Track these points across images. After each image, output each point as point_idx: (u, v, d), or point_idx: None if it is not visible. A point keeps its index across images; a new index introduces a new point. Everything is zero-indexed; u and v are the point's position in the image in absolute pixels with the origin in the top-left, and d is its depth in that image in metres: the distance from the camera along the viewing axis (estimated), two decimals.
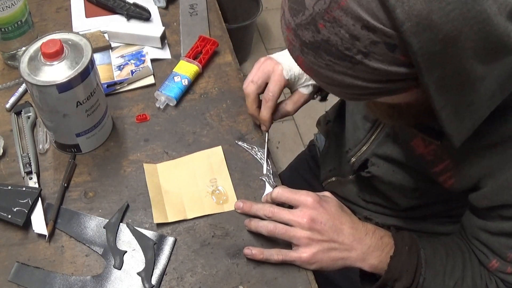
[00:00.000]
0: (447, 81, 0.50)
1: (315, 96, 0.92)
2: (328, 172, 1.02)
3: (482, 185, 0.68)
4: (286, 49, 0.87)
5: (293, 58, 0.56)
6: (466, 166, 0.69)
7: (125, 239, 0.80)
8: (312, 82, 0.87)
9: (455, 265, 0.75)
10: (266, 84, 0.86)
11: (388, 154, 0.82)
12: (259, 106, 0.87)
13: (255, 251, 0.76)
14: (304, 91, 0.87)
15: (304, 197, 0.75)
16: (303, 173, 1.13)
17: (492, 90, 0.55)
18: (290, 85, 0.87)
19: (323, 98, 0.95)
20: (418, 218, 0.91)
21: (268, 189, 0.86)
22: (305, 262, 0.74)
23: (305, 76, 0.86)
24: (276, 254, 0.76)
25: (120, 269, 0.76)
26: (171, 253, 0.79)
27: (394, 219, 0.93)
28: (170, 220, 0.81)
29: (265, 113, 0.86)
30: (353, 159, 0.90)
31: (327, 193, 0.80)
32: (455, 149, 0.60)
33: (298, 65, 0.56)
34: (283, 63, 0.85)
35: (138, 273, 0.76)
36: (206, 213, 0.83)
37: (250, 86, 0.86)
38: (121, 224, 0.81)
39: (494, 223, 0.70)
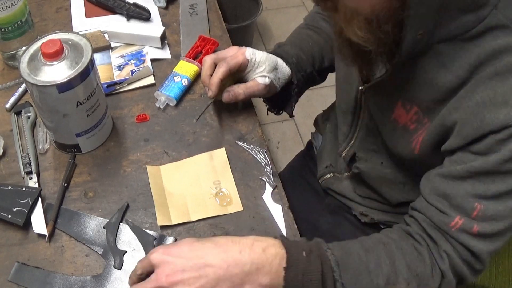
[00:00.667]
0: None
1: (268, 110, 0.97)
2: (325, 168, 1.02)
3: (452, 126, 0.64)
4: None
5: None
6: (437, 113, 0.67)
7: (125, 239, 0.80)
8: (271, 74, 0.88)
9: (379, 260, 0.66)
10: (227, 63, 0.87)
11: (372, 144, 0.82)
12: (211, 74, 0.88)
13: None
14: (260, 80, 0.87)
15: (151, 255, 0.64)
16: (302, 172, 1.14)
17: None
18: (248, 71, 0.88)
19: (289, 112, 0.97)
20: None
21: (268, 189, 0.86)
22: None
23: (266, 67, 0.87)
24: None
25: (120, 269, 0.76)
26: None
27: (389, 214, 0.94)
28: (174, 223, 0.81)
29: (215, 77, 0.85)
30: (343, 154, 0.91)
31: (171, 239, 0.78)
32: (406, 50, 0.61)
33: None
34: (249, 48, 0.87)
35: None
36: (210, 215, 0.83)
37: (209, 56, 0.88)
38: (121, 224, 0.81)
39: (462, 165, 0.64)
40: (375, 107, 0.80)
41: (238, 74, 0.89)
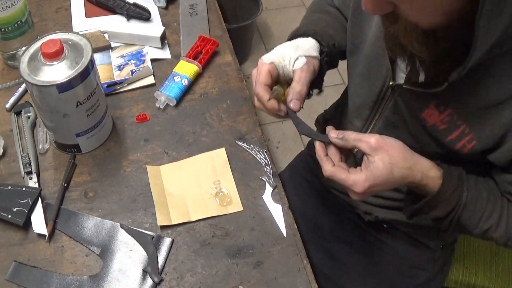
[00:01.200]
0: None
1: (311, 92, 0.89)
2: None
3: (505, 140, 0.70)
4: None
5: None
6: (487, 125, 0.70)
7: (122, 239, 0.80)
8: (299, 54, 0.83)
9: (493, 211, 0.77)
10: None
11: (394, 134, 0.82)
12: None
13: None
14: (297, 65, 0.82)
15: (370, 166, 0.73)
16: (303, 172, 1.14)
17: None
18: (282, 71, 0.83)
19: (320, 88, 0.92)
20: None
21: (268, 189, 0.86)
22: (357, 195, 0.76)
23: (287, 53, 0.82)
24: (336, 173, 0.75)
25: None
26: (168, 254, 0.79)
27: (393, 212, 0.93)
28: (174, 223, 0.81)
29: (262, 99, 0.81)
30: (355, 149, 0.89)
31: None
32: (466, 70, 0.62)
33: None
34: (263, 56, 0.82)
35: (144, 269, 0.76)
36: (210, 215, 0.83)
37: (256, 86, 0.81)
38: (119, 224, 0.81)
39: None
40: (402, 103, 0.80)
41: (283, 80, 0.84)
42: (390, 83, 0.80)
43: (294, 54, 0.82)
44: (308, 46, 0.85)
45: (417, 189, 0.78)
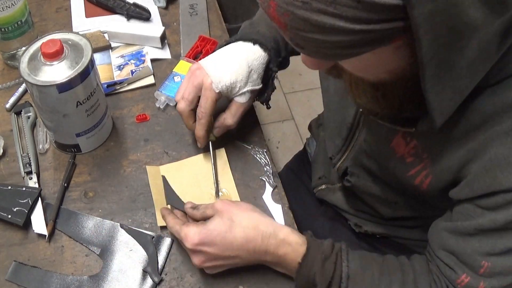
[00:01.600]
0: (437, 20, 0.45)
1: (255, 99, 0.88)
2: (318, 179, 1.00)
3: (462, 175, 0.62)
4: (217, 53, 0.84)
5: (264, 8, 0.50)
6: (445, 158, 0.63)
7: (122, 239, 0.80)
8: (248, 88, 0.81)
9: (390, 286, 0.68)
10: (199, 97, 0.81)
11: (365, 163, 0.79)
12: (196, 121, 0.83)
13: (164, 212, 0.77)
14: (240, 100, 0.82)
15: (207, 222, 0.71)
16: (299, 174, 1.13)
17: (477, 52, 0.50)
18: (224, 95, 0.82)
19: (265, 101, 0.89)
20: (405, 226, 0.90)
21: (268, 189, 0.86)
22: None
23: (239, 84, 0.80)
24: (173, 225, 0.73)
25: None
26: (168, 254, 0.79)
27: (382, 227, 0.92)
28: None
29: (199, 130, 0.82)
30: (337, 166, 0.87)
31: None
32: (436, 130, 0.56)
33: (270, 17, 0.49)
34: (212, 76, 0.79)
35: (144, 269, 0.76)
36: None
37: (181, 103, 0.81)
38: (118, 224, 0.81)
39: (470, 221, 0.62)
40: (372, 132, 0.76)
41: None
42: (360, 109, 0.75)
43: (244, 86, 0.81)
44: (259, 68, 0.82)
45: (279, 265, 0.72)
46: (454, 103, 0.54)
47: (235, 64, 0.81)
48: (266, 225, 0.71)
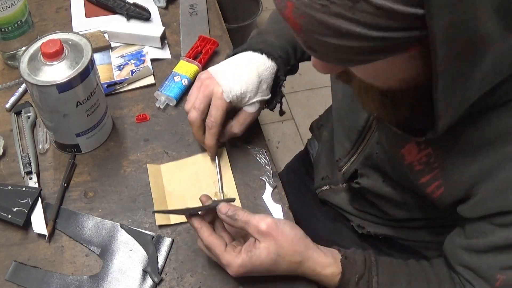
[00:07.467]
0: (455, 31, 0.45)
1: (264, 107, 0.88)
2: (321, 180, 1.00)
3: (474, 192, 0.63)
4: (227, 62, 0.84)
5: (280, 9, 0.49)
6: (457, 172, 0.64)
7: (122, 239, 0.80)
8: (257, 98, 0.82)
9: None
10: (209, 106, 0.81)
11: (377, 165, 0.79)
12: (205, 131, 0.83)
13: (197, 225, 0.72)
14: (250, 109, 0.82)
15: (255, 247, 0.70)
16: (300, 174, 1.12)
17: (491, 66, 0.50)
18: (233, 105, 0.81)
19: (273, 108, 0.90)
20: (410, 227, 0.90)
21: (268, 189, 0.86)
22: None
23: (249, 94, 0.80)
24: (211, 245, 0.70)
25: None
26: (168, 254, 0.79)
27: (386, 228, 0.92)
28: (172, 222, 0.81)
29: (209, 140, 0.81)
30: (343, 169, 0.87)
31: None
32: (438, 135, 0.56)
33: (285, 18, 0.49)
34: (223, 85, 0.79)
35: (144, 269, 0.76)
36: None
37: (193, 113, 0.80)
38: (118, 224, 0.81)
39: (484, 238, 0.64)
40: (385, 136, 0.75)
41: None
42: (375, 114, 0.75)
43: (254, 97, 0.81)
44: (268, 78, 0.82)
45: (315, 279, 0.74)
46: (457, 112, 0.54)
47: (245, 74, 0.81)
48: (310, 261, 0.71)
